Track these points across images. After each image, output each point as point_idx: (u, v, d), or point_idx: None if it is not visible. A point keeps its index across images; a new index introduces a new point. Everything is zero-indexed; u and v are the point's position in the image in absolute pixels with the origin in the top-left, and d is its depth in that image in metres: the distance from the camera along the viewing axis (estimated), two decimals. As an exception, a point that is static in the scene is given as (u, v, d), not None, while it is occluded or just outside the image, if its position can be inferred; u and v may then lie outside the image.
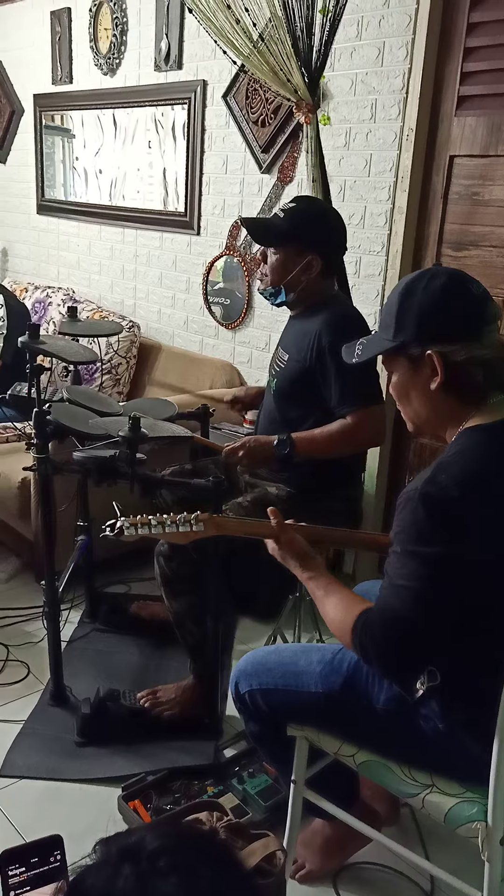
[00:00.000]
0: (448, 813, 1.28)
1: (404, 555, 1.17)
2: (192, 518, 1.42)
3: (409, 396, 1.31)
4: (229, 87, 3.00)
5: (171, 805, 1.77)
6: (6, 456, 2.81)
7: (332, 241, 2.08)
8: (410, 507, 1.17)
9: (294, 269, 2.02)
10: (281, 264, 2.03)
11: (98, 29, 3.61)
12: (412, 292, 1.26)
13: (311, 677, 1.41)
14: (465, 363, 1.22)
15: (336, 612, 1.32)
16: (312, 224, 2.04)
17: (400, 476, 2.72)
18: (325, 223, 2.07)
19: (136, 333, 3.43)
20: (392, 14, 2.39)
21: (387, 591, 1.21)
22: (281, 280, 2.04)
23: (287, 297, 2.07)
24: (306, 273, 2.02)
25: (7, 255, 4.69)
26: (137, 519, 1.42)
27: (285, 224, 2.01)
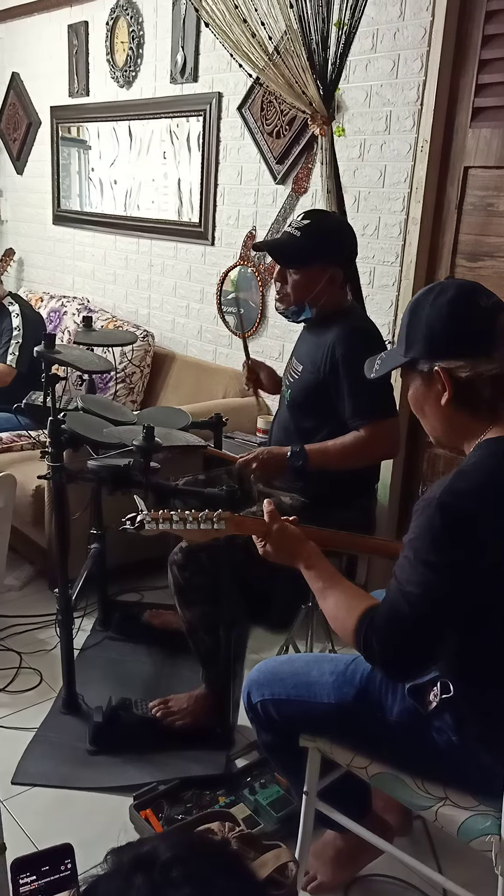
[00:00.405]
0: (461, 826, 1.27)
1: (417, 562, 1.17)
2: (214, 516, 1.42)
3: (423, 410, 1.31)
4: (244, 99, 3.02)
5: (183, 815, 1.77)
6: (21, 464, 2.83)
7: (351, 252, 2.10)
8: (427, 514, 1.17)
9: (318, 285, 2.02)
10: (305, 282, 2.03)
11: (115, 42, 3.65)
12: (421, 307, 1.26)
13: (323, 688, 1.41)
14: (471, 379, 1.21)
15: (339, 608, 1.31)
16: (332, 239, 2.05)
17: (413, 486, 2.71)
18: (342, 236, 2.08)
19: (150, 343, 3.45)
20: (407, 27, 2.41)
21: (396, 594, 1.20)
22: (305, 297, 2.04)
23: (311, 313, 2.07)
24: (330, 286, 2.03)
25: (23, 264, 4.74)
26: (159, 514, 1.42)
27: (306, 243, 2.00)
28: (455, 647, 1.24)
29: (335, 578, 1.36)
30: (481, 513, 1.15)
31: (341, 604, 1.31)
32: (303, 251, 2.00)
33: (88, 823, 1.79)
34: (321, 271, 2.01)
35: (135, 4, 3.48)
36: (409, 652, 1.21)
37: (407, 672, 1.27)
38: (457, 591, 1.16)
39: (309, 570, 1.39)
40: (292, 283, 2.05)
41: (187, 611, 2.05)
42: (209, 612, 2.01)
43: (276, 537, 1.42)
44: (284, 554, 1.42)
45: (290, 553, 1.41)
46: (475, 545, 1.15)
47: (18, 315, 3.18)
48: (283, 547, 1.42)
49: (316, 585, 1.37)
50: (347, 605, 1.29)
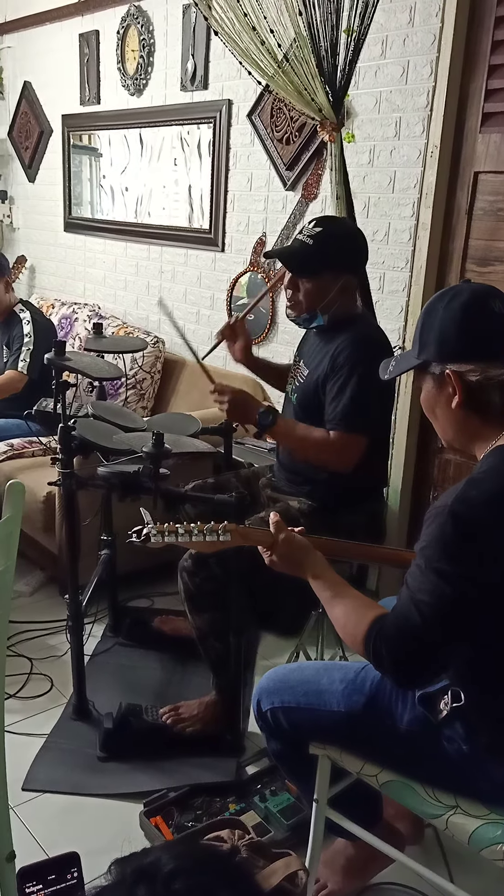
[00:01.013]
0: (472, 835, 1.27)
1: (429, 570, 1.17)
2: (219, 528, 1.42)
3: (435, 413, 1.31)
4: (254, 106, 3.03)
5: (193, 822, 1.77)
6: (31, 470, 2.85)
7: (362, 259, 2.10)
8: (439, 522, 1.16)
9: (331, 292, 2.01)
10: (317, 290, 2.01)
11: (125, 51, 3.68)
12: (434, 310, 1.27)
13: (333, 696, 1.40)
14: (481, 383, 1.21)
15: (347, 617, 1.30)
16: (344, 247, 2.03)
17: (424, 492, 2.71)
18: (354, 244, 2.07)
19: (160, 349, 3.46)
20: (416, 33, 2.41)
21: (406, 603, 1.19)
22: (317, 305, 2.02)
23: (323, 320, 2.05)
24: (342, 294, 2.02)
25: (35, 271, 4.77)
26: (164, 526, 1.42)
27: (317, 251, 1.98)
28: (466, 655, 1.24)
29: (343, 587, 1.36)
30: (493, 521, 1.14)
31: (350, 613, 1.30)
32: (315, 260, 1.99)
33: (98, 830, 1.79)
34: (333, 280, 2.00)
35: (145, 13, 3.50)
36: (419, 660, 1.20)
37: (416, 681, 1.26)
38: (468, 599, 1.16)
39: (316, 580, 1.38)
40: (304, 292, 2.03)
41: (197, 617, 2.05)
42: (219, 619, 2.01)
43: (282, 547, 1.41)
44: (291, 564, 1.42)
45: (297, 563, 1.41)
46: (487, 553, 1.14)
47: (29, 322, 3.20)
48: (289, 557, 1.42)
49: (324, 595, 1.36)
50: (356, 614, 1.28)
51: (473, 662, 1.24)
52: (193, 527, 1.42)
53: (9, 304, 3.28)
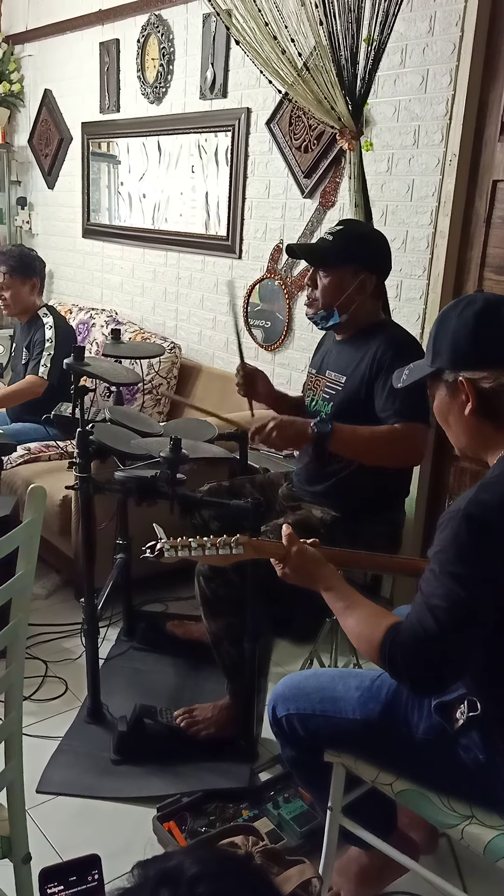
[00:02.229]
0: (488, 845, 1.26)
1: (443, 574, 1.16)
2: (231, 541, 1.43)
3: (448, 421, 1.32)
4: (273, 114, 3.05)
5: (206, 827, 1.77)
6: (48, 474, 2.86)
7: (384, 260, 2.07)
8: (452, 526, 1.16)
9: (348, 288, 1.99)
10: (334, 286, 2.00)
11: (145, 59, 3.71)
12: (448, 318, 1.27)
13: (349, 703, 1.40)
14: (495, 391, 1.22)
15: (361, 626, 1.30)
16: (364, 243, 2.04)
17: (440, 500, 2.70)
18: (376, 242, 2.07)
19: (177, 354, 3.47)
20: (436, 42, 2.42)
21: (421, 608, 1.19)
22: (334, 302, 2.01)
23: (340, 318, 2.03)
24: (360, 292, 2.01)
25: (53, 277, 4.80)
26: (178, 541, 1.43)
27: (337, 245, 2.00)
28: (482, 663, 1.23)
29: (355, 598, 1.36)
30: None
31: (363, 622, 1.30)
32: (333, 253, 2.00)
33: (112, 834, 1.79)
34: (352, 276, 1.99)
35: (166, 22, 3.53)
36: (436, 667, 1.20)
37: (433, 688, 1.26)
38: (483, 603, 1.15)
39: (328, 592, 1.39)
40: (322, 288, 2.03)
41: (213, 622, 2.05)
42: (235, 624, 2.01)
43: (294, 560, 1.42)
44: (303, 576, 1.42)
45: (310, 575, 1.41)
46: (501, 556, 1.14)
47: (52, 327, 3.22)
48: (301, 569, 1.42)
49: (337, 606, 1.37)
50: (370, 623, 1.28)
51: (490, 669, 1.23)
52: (206, 540, 1.42)
53: (34, 306, 3.30)
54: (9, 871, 1.36)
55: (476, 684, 1.28)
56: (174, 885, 0.66)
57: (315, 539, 1.48)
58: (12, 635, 1.28)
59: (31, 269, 3.28)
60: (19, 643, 1.30)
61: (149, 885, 0.67)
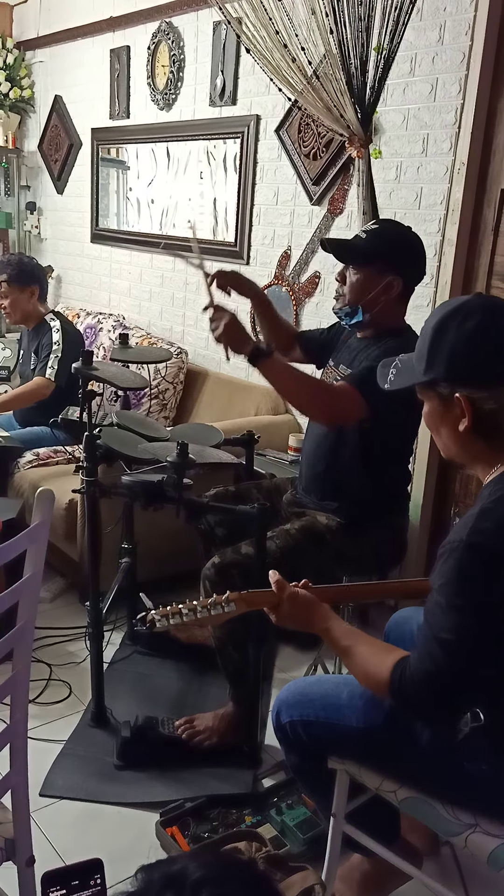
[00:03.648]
0: (491, 854, 1.26)
1: (450, 608, 1.16)
2: (222, 600, 1.41)
3: (439, 431, 1.30)
4: (282, 121, 3.06)
5: (209, 833, 1.77)
6: (55, 478, 2.87)
7: (413, 264, 2.04)
8: (455, 557, 1.16)
9: (374, 288, 1.98)
10: (361, 283, 1.99)
11: (156, 66, 3.73)
12: (445, 330, 1.24)
13: (353, 711, 1.40)
14: (494, 411, 1.20)
15: (366, 665, 1.30)
16: (396, 245, 2.01)
17: (445, 505, 2.70)
18: (408, 245, 2.03)
19: (183, 360, 3.48)
20: (446, 51, 2.43)
21: (429, 643, 1.19)
22: (360, 299, 2.00)
23: (363, 316, 2.01)
24: (386, 293, 1.99)
25: (61, 281, 4.82)
26: (168, 609, 1.40)
27: (368, 243, 1.98)
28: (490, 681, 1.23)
29: (356, 636, 1.36)
30: None
31: (368, 660, 1.31)
32: (362, 250, 1.99)
33: (115, 838, 1.79)
34: (379, 275, 1.97)
35: (176, 29, 3.55)
36: (447, 699, 1.21)
37: (443, 719, 1.27)
38: (491, 629, 1.16)
39: (327, 634, 1.39)
40: (349, 284, 2.02)
41: (217, 627, 2.05)
42: (239, 629, 2.01)
43: (287, 607, 1.41)
44: (298, 621, 1.42)
45: (304, 619, 1.41)
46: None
47: (59, 330, 3.24)
48: (295, 615, 1.41)
49: (338, 647, 1.37)
50: (375, 660, 1.29)
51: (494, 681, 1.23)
52: (196, 604, 1.39)
53: (37, 312, 3.32)
54: (12, 873, 1.36)
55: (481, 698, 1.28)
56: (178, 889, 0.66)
57: (306, 580, 1.46)
58: (19, 638, 1.28)
59: (29, 277, 3.28)
60: (26, 646, 1.30)
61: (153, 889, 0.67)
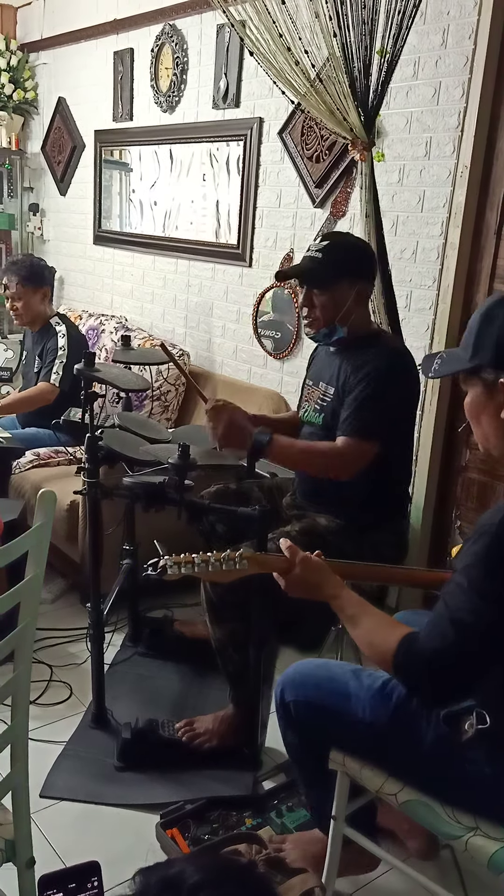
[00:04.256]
0: (491, 858, 1.25)
1: (471, 590, 1.16)
2: (235, 556, 1.42)
3: (479, 419, 1.30)
4: (285, 124, 3.06)
5: (209, 835, 1.76)
6: (56, 479, 2.88)
7: (371, 267, 2.11)
8: (484, 542, 1.15)
9: (347, 301, 2.01)
10: (333, 301, 2.02)
11: (159, 68, 3.73)
12: (492, 318, 1.24)
13: (359, 702, 1.39)
14: None
15: (372, 635, 1.30)
16: (352, 255, 2.06)
17: (447, 510, 2.70)
18: (362, 252, 2.11)
19: (185, 361, 3.48)
20: (449, 54, 2.43)
21: (444, 622, 1.19)
22: (335, 317, 2.02)
23: (343, 332, 2.04)
24: (359, 303, 2.04)
25: (63, 283, 4.83)
26: (181, 557, 1.41)
27: (330, 262, 2.00)
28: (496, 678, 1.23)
29: (364, 605, 1.35)
30: None
31: (375, 630, 1.30)
32: (329, 270, 2.01)
33: (115, 840, 1.79)
34: (349, 288, 2.01)
35: (180, 32, 3.56)
36: (450, 680, 1.19)
37: (445, 700, 1.26)
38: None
39: (335, 600, 1.38)
40: (321, 305, 2.03)
41: (217, 628, 2.05)
42: (239, 630, 2.01)
43: (298, 571, 1.40)
44: (308, 587, 1.41)
45: (315, 585, 1.40)
46: None
47: (65, 335, 3.24)
48: (305, 580, 1.40)
49: (346, 613, 1.36)
50: (382, 632, 1.28)
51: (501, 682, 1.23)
52: (210, 556, 1.41)
53: (45, 314, 3.32)
54: (12, 874, 1.36)
55: (487, 698, 1.28)
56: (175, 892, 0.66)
57: (319, 551, 1.47)
58: (20, 639, 1.28)
59: (41, 279, 3.30)
60: (27, 647, 1.31)
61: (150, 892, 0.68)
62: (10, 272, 3.25)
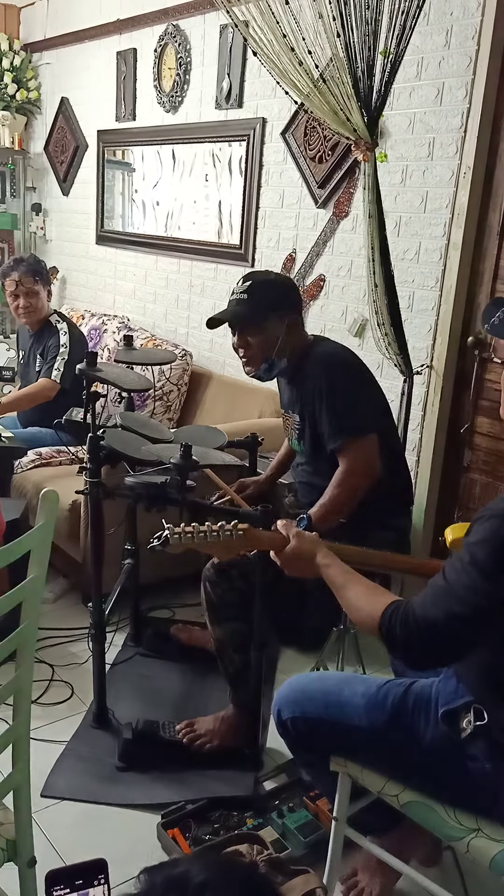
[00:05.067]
0: (493, 859, 1.25)
1: (472, 565, 1.16)
2: (230, 527, 1.44)
3: None
4: (288, 124, 3.06)
5: (210, 835, 1.76)
6: (58, 479, 2.88)
7: (295, 298, 2.16)
8: (492, 523, 1.16)
9: (280, 336, 2.08)
10: (267, 340, 2.09)
11: (162, 68, 3.74)
12: None
13: (355, 709, 1.40)
14: None
15: (361, 600, 1.31)
16: (277, 290, 2.12)
17: (449, 510, 2.70)
18: (283, 288, 2.16)
19: (188, 362, 3.49)
20: (452, 55, 2.43)
21: (439, 591, 1.19)
22: (272, 353, 2.09)
23: (282, 364, 2.12)
24: (292, 333, 2.10)
25: (66, 282, 4.83)
26: (181, 528, 1.44)
27: (257, 302, 2.06)
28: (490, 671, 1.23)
29: (355, 575, 1.36)
30: None
31: (363, 597, 1.31)
32: (258, 311, 2.07)
33: (116, 840, 1.79)
34: (279, 322, 2.07)
35: (183, 32, 3.56)
36: (439, 649, 1.20)
37: (427, 666, 1.27)
38: None
39: (326, 569, 1.39)
40: (257, 344, 2.10)
41: (218, 628, 2.05)
42: (239, 630, 2.01)
43: (294, 544, 1.42)
44: (303, 559, 1.42)
45: (309, 555, 1.41)
46: None
47: (66, 333, 3.24)
48: (301, 551, 1.42)
49: (336, 581, 1.37)
50: (371, 599, 1.29)
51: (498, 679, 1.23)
52: (208, 525, 1.45)
53: (46, 313, 3.32)
54: (14, 874, 1.36)
55: (484, 693, 1.28)
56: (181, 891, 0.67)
57: (316, 532, 1.49)
58: (22, 639, 1.28)
59: (47, 276, 3.32)
60: (29, 647, 1.30)
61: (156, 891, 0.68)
62: (18, 270, 3.25)
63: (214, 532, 1.44)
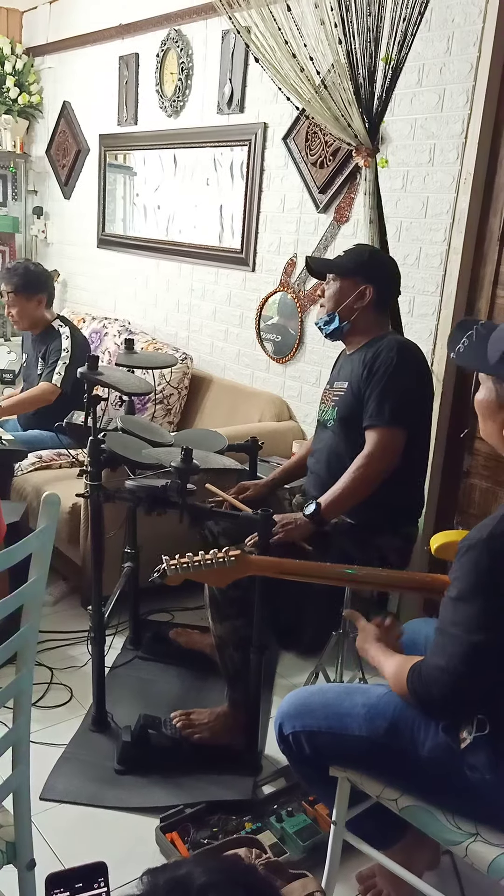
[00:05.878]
0: (492, 863, 1.26)
1: (461, 601, 1.17)
2: (222, 555, 1.46)
3: (485, 419, 1.31)
4: (289, 129, 3.07)
5: (209, 839, 1.76)
6: (58, 482, 2.88)
7: (385, 276, 2.19)
8: (471, 556, 1.17)
9: (348, 297, 2.13)
10: (336, 293, 2.16)
11: (164, 73, 3.75)
12: None
13: (354, 720, 1.40)
14: None
15: (394, 668, 1.36)
16: (368, 259, 2.18)
17: (449, 516, 2.70)
18: (381, 262, 2.22)
19: (188, 365, 3.49)
20: (453, 62, 2.44)
21: (438, 636, 1.22)
22: (336, 308, 2.16)
23: (341, 323, 2.15)
24: (359, 301, 2.13)
25: (67, 286, 4.84)
26: (176, 560, 1.49)
27: (346, 260, 2.19)
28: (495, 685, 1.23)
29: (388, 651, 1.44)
30: None
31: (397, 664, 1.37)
32: (349, 263, 2.17)
33: (114, 843, 1.79)
34: (352, 283, 2.13)
35: (185, 37, 3.57)
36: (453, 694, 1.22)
37: (447, 716, 1.29)
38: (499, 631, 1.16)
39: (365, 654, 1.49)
40: (328, 296, 2.19)
41: (219, 625, 2.05)
42: (240, 628, 2.01)
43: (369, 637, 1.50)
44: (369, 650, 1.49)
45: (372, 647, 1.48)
46: None
47: (69, 337, 3.25)
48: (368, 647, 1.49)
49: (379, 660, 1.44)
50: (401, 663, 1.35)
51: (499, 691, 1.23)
52: (202, 553, 1.49)
53: (44, 319, 3.32)
54: (13, 876, 1.36)
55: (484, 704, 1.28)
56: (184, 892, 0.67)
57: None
58: (23, 642, 1.29)
59: (36, 285, 3.26)
60: (30, 650, 1.31)
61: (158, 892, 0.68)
62: (5, 280, 3.26)
63: (209, 560, 1.48)
